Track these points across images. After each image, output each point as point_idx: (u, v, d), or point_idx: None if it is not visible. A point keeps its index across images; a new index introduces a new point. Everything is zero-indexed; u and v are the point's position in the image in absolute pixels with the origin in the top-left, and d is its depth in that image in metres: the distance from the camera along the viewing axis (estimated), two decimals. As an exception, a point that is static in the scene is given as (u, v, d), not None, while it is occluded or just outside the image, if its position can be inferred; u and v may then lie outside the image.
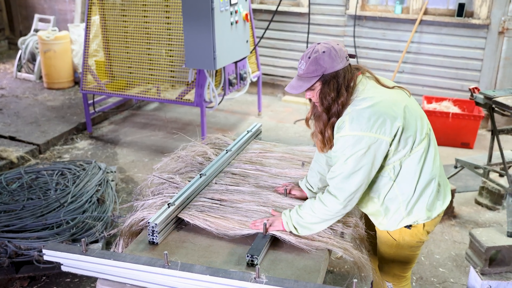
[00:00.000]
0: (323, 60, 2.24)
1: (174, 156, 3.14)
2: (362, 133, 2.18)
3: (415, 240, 2.49)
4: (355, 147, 2.19)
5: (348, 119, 2.23)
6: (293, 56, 7.51)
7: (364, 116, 2.20)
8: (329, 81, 2.26)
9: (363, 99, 2.27)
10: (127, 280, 2.14)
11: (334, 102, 2.28)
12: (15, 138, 5.90)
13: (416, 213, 2.38)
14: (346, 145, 2.21)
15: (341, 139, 2.24)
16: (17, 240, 3.59)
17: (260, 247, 2.24)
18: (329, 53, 2.24)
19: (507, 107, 3.79)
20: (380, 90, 2.33)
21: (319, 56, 2.24)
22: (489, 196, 4.63)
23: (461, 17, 6.25)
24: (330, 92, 2.27)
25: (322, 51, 2.25)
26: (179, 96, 5.57)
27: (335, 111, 2.30)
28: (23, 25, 9.76)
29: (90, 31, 6.04)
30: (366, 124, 2.19)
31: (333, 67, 2.25)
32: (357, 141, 2.19)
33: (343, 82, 2.28)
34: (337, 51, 2.26)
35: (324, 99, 2.30)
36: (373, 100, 2.25)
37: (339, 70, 2.26)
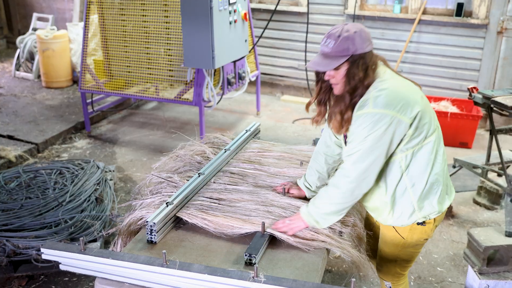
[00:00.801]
0: (354, 40, 2.23)
1: (173, 155, 3.14)
2: (385, 111, 2.19)
3: (423, 237, 2.49)
4: (376, 125, 2.19)
5: (372, 97, 2.22)
6: (292, 55, 7.51)
7: (388, 95, 2.21)
8: (358, 62, 2.25)
9: (384, 81, 2.28)
10: (126, 279, 2.14)
11: (361, 83, 2.27)
12: (13, 137, 5.89)
13: (428, 207, 2.37)
14: (367, 122, 2.20)
15: (362, 117, 2.23)
16: (15, 239, 3.58)
17: (258, 246, 2.24)
18: (360, 34, 2.24)
19: (505, 107, 3.79)
20: (398, 77, 2.36)
21: (351, 36, 2.23)
22: (487, 195, 4.64)
23: (459, 17, 6.25)
24: (359, 73, 2.25)
25: (353, 31, 2.24)
26: (178, 95, 5.57)
27: (360, 92, 2.29)
28: (22, 24, 9.74)
29: (88, 30, 6.03)
30: (390, 103, 2.20)
31: (362, 48, 2.24)
32: (379, 119, 2.19)
33: (370, 64, 2.28)
34: (366, 33, 2.28)
35: (351, 79, 2.27)
36: (394, 84, 2.28)
37: (367, 52, 2.27)
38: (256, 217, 2.46)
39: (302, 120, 6.73)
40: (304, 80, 7.33)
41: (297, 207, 2.56)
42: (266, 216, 2.47)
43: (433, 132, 2.31)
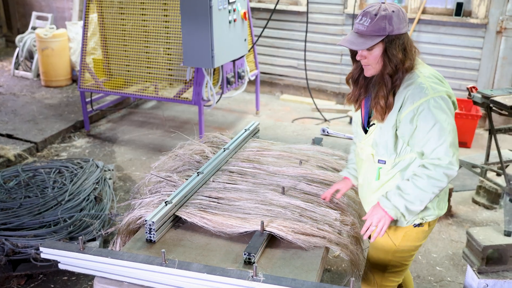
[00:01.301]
0: (392, 20, 2.15)
1: (172, 155, 3.14)
2: (445, 92, 2.20)
3: (415, 244, 2.45)
4: (446, 107, 2.18)
5: (429, 84, 2.19)
6: (291, 55, 7.51)
7: (439, 79, 2.23)
8: (395, 42, 2.18)
9: (425, 67, 2.29)
10: (125, 278, 2.14)
11: (401, 64, 2.21)
12: (12, 136, 5.89)
13: (429, 209, 2.35)
14: (438, 107, 2.16)
15: (429, 104, 2.16)
16: (14, 238, 3.58)
17: (257, 245, 2.24)
18: (398, 14, 2.17)
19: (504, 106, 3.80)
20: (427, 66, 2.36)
21: (389, 15, 2.15)
22: (486, 195, 4.64)
23: (459, 17, 6.26)
24: (397, 54, 2.19)
25: (391, 10, 2.17)
26: (177, 95, 5.57)
27: (401, 75, 2.22)
28: (21, 22, 9.73)
29: (88, 29, 6.03)
30: (444, 85, 2.23)
31: (399, 28, 2.17)
32: (445, 100, 2.18)
33: (408, 46, 2.22)
34: (404, 14, 2.21)
35: (390, 61, 2.20)
36: (431, 69, 2.29)
37: (403, 33, 2.20)
38: (255, 216, 2.46)
39: (301, 119, 6.73)
40: (304, 79, 7.33)
41: (296, 206, 2.56)
42: (265, 215, 2.47)
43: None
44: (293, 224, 2.39)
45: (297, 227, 2.38)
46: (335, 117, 6.83)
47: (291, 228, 2.37)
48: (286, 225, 2.38)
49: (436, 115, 2.16)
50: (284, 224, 2.39)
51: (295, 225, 2.39)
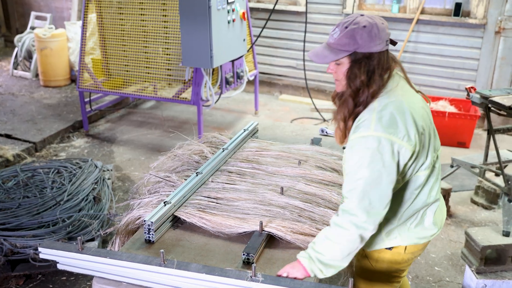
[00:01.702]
0: (360, 36, 1.96)
1: (171, 155, 3.14)
2: (387, 135, 1.93)
3: (394, 267, 2.30)
4: (378, 151, 1.93)
5: (375, 118, 1.96)
6: (290, 55, 7.51)
7: (392, 116, 1.96)
8: (360, 61, 1.99)
9: (391, 96, 2.02)
10: (123, 279, 2.14)
11: (365, 87, 2.01)
12: (11, 136, 5.88)
13: (398, 236, 2.19)
14: (366, 148, 1.94)
15: (360, 141, 1.97)
16: (12, 238, 3.58)
17: (256, 245, 2.24)
18: (370, 30, 1.96)
19: (503, 107, 3.80)
20: (408, 95, 2.07)
21: (358, 30, 1.96)
22: (485, 195, 4.65)
23: (457, 17, 6.26)
24: (361, 75, 1.99)
25: (363, 25, 1.96)
26: (176, 95, 5.57)
27: (364, 99, 2.02)
28: (20, 22, 9.73)
29: (86, 29, 6.03)
30: (392, 125, 1.95)
31: (369, 46, 1.97)
32: (380, 144, 1.94)
33: (377, 68, 2.00)
34: (379, 30, 1.98)
35: (352, 81, 2.01)
36: (401, 102, 2.00)
37: (374, 53, 1.99)
38: (254, 216, 2.46)
39: (300, 120, 6.73)
40: (303, 79, 7.33)
41: (295, 206, 2.56)
42: (264, 215, 2.47)
43: (426, 168, 2.08)
44: (292, 224, 2.39)
45: (296, 227, 2.38)
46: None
47: (290, 228, 2.37)
48: (285, 225, 2.38)
49: (362, 156, 1.95)
50: (283, 224, 2.39)
51: (294, 225, 2.39)
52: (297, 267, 2.03)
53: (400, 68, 2.15)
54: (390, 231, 2.19)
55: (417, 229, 2.19)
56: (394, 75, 2.10)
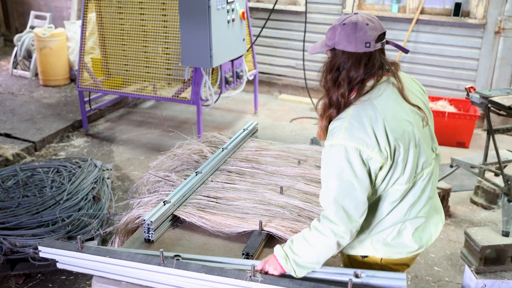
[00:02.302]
0: (339, 32, 1.94)
1: (170, 154, 3.14)
2: (355, 144, 1.88)
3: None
4: (348, 160, 1.89)
5: (345, 126, 1.91)
6: (290, 54, 7.51)
7: (360, 125, 1.90)
8: (335, 59, 1.98)
9: (368, 106, 1.93)
10: (123, 278, 2.14)
11: (334, 87, 1.98)
12: (10, 135, 5.88)
13: (369, 245, 2.11)
14: (336, 156, 1.90)
15: (330, 150, 1.93)
16: (12, 237, 3.58)
17: (256, 245, 2.24)
18: (350, 28, 1.92)
19: (502, 107, 3.80)
20: (391, 107, 1.96)
21: (338, 26, 1.95)
22: (484, 195, 4.65)
23: (457, 17, 6.26)
24: (332, 72, 1.98)
25: (343, 23, 1.95)
26: (176, 94, 5.56)
27: (335, 100, 1.98)
28: (19, 22, 9.72)
29: (86, 29, 6.02)
30: (360, 135, 1.88)
31: (344, 45, 1.93)
32: (350, 152, 1.88)
33: (352, 69, 1.95)
34: (358, 31, 1.91)
35: (324, 77, 2.02)
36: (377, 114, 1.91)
37: (353, 53, 1.93)
38: (253, 216, 2.46)
39: (299, 119, 6.73)
40: (302, 79, 7.33)
41: (294, 205, 2.56)
42: (263, 215, 2.47)
43: (407, 182, 1.98)
44: (291, 224, 2.39)
45: (295, 227, 2.38)
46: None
47: (290, 228, 2.37)
48: (284, 224, 2.39)
49: (331, 166, 1.92)
50: (283, 224, 2.39)
51: (294, 225, 2.39)
52: (274, 265, 2.02)
53: (395, 77, 2.02)
54: (362, 240, 2.11)
55: (394, 243, 2.08)
56: (382, 83, 1.99)
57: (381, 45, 1.98)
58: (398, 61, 2.14)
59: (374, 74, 1.98)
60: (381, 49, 2.00)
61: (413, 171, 1.98)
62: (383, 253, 2.10)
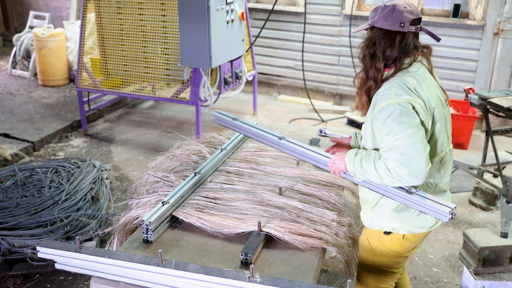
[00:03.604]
0: (380, 12, 2.20)
1: (169, 155, 3.14)
2: (408, 98, 2.12)
3: (393, 251, 2.42)
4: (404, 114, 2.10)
5: (394, 89, 2.15)
6: (289, 55, 7.51)
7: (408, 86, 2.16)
8: (373, 35, 2.22)
9: (409, 75, 2.19)
10: (121, 278, 2.14)
11: (370, 61, 2.22)
12: (9, 135, 5.87)
13: (397, 222, 2.32)
14: (395, 113, 2.11)
15: (387, 108, 2.13)
16: (10, 237, 3.57)
17: (254, 246, 2.24)
18: (388, 9, 2.18)
19: (501, 108, 3.80)
20: (427, 82, 2.22)
21: (379, 7, 2.22)
22: (483, 196, 4.65)
23: (456, 18, 6.27)
24: (367, 47, 2.23)
25: (385, 4, 2.21)
26: (175, 95, 5.56)
27: (372, 75, 2.22)
28: (18, 22, 9.72)
29: (85, 29, 6.02)
30: (410, 93, 2.14)
31: (382, 23, 2.18)
32: (405, 107, 2.11)
33: (388, 47, 2.19)
34: (395, 11, 2.16)
35: (362, 52, 2.25)
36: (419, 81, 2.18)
37: (389, 31, 2.18)
38: (252, 217, 2.46)
39: (298, 120, 6.73)
40: (301, 80, 7.34)
41: (293, 206, 2.56)
42: (262, 216, 2.47)
43: (436, 155, 2.25)
44: (290, 224, 2.40)
45: (294, 228, 2.38)
46: (332, 118, 6.84)
47: (288, 229, 2.37)
48: (283, 225, 2.39)
49: (388, 121, 2.12)
50: (281, 224, 2.39)
51: (292, 226, 2.39)
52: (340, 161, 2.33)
53: (427, 60, 2.29)
54: (393, 215, 2.31)
55: (419, 217, 2.30)
56: (417, 62, 2.24)
57: (415, 29, 2.23)
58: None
59: (410, 52, 2.24)
60: (415, 33, 2.26)
61: (443, 144, 2.25)
62: (407, 228, 2.32)
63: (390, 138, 2.11)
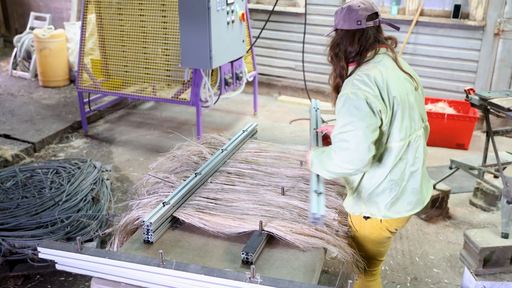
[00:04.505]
0: (338, 15, 2.37)
1: (170, 156, 3.14)
2: (359, 91, 2.23)
3: (375, 234, 2.52)
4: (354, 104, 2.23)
5: (351, 80, 2.29)
6: (289, 56, 7.51)
7: (365, 78, 2.26)
8: (336, 37, 2.39)
9: (370, 65, 2.31)
10: (122, 279, 2.14)
11: (335, 61, 2.40)
12: (10, 136, 5.88)
13: (374, 207, 2.41)
14: (346, 103, 2.24)
15: (342, 98, 2.28)
16: (11, 238, 3.57)
17: (256, 245, 2.24)
18: (344, 10, 2.33)
19: (502, 109, 3.80)
20: (388, 71, 2.31)
21: (338, 11, 2.38)
22: (483, 197, 4.65)
23: (457, 19, 6.27)
24: (332, 48, 2.41)
25: (342, 7, 2.37)
26: (175, 95, 5.56)
27: (339, 72, 2.40)
28: (19, 23, 9.72)
29: (86, 30, 6.02)
30: (364, 84, 2.24)
31: (341, 24, 2.34)
32: (356, 98, 2.23)
33: (345, 46, 2.35)
34: (351, 11, 2.31)
35: (329, 52, 2.43)
36: (378, 71, 2.28)
37: (349, 30, 2.33)
38: (253, 216, 2.46)
39: (299, 121, 6.73)
40: (302, 81, 7.34)
41: (294, 206, 2.56)
42: (263, 215, 2.47)
43: (403, 139, 2.31)
44: (291, 224, 2.40)
45: (295, 227, 2.38)
46: (333, 119, 6.84)
47: (290, 228, 2.37)
48: (284, 225, 2.39)
49: (342, 110, 2.26)
50: (283, 224, 2.39)
51: (294, 225, 2.39)
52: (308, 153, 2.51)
53: (391, 50, 2.40)
54: (369, 200, 2.41)
55: (394, 203, 2.39)
56: (380, 54, 2.36)
57: (373, 23, 2.34)
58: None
59: (371, 46, 2.35)
60: (376, 27, 2.37)
61: (407, 129, 2.31)
62: (384, 214, 2.40)
63: (338, 125, 2.27)
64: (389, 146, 2.32)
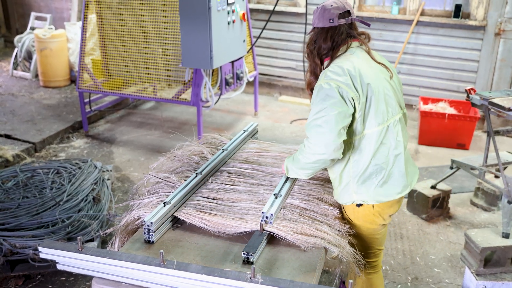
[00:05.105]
0: (314, 15, 2.53)
1: (170, 156, 3.14)
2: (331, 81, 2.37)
3: (367, 222, 2.59)
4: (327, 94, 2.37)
5: (324, 72, 2.45)
6: (290, 56, 7.51)
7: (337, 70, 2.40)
8: (312, 35, 2.54)
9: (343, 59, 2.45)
10: (123, 279, 2.14)
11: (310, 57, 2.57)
12: (10, 136, 5.88)
13: (364, 194, 2.48)
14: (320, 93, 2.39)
15: (316, 89, 2.43)
16: (12, 238, 3.58)
17: (256, 245, 2.24)
18: (319, 10, 2.50)
19: (503, 108, 3.80)
20: (361, 62, 2.45)
21: (314, 11, 2.54)
22: (484, 197, 4.65)
23: (457, 18, 6.27)
24: (308, 46, 2.57)
25: (317, 7, 2.52)
26: (176, 95, 5.57)
27: (313, 68, 2.57)
28: (20, 23, 9.73)
29: (86, 30, 6.03)
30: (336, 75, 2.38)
31: (316, 23, 2.51)
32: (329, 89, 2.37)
33: (319, 43, 2.51)
34: (324, 11, 2.48)
35: (305, 49, 2.60)
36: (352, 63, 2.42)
37: (323, 28, 2.49)
38: (254, 216, 2.46)
39: (300, 121, 6.73)
40: (302, 81, 7.34)
41: (295, 205, 2.56)
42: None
43: (381, 123, 2.42)
44: (292, 224, 2.40)
45: (296, 227, 2.38)
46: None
47: (291, 228, 2.37)
48: (285, 224, 2.39)
49: (314, 99, 2.42)
50: (283, 223, 2.39)
51: (294, 225, 2.39)
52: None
53: (364, 44, 2.55)
54: (359, 187, 2.48)
55: (383, 187, 2.48)
56: (353, 47, 2.51)
57: (346, 20, 2.49)
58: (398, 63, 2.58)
59: (343, 41, 2.51)
60: (349, 24, 2.52)
61: (384, 114, 2.42)
62: (374, 198, 2.48)
63: (312, 112, 2.42)
64: (367, 133, 2.42)
